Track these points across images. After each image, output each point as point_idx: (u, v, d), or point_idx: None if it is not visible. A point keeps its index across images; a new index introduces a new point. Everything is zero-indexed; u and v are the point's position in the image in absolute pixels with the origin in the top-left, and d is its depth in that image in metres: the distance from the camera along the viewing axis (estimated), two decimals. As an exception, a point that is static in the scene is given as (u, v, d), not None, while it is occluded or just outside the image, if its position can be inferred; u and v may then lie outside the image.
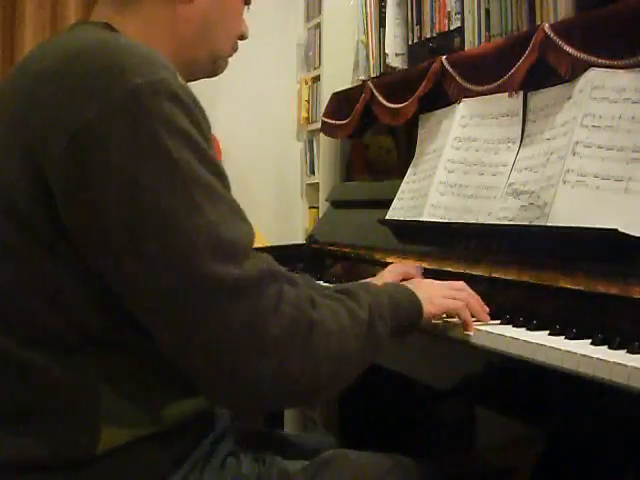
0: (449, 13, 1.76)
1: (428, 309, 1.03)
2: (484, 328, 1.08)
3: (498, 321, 1.12)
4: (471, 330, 1.08)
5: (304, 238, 2.25)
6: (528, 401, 1.06)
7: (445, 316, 1.12)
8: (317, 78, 2.73)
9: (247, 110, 2.84)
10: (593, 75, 1.24)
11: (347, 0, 2.41)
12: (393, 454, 1.07)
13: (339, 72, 2.37)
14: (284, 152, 2.97)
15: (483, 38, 1.63)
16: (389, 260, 1.59)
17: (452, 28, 1.75)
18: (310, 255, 1.94)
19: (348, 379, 0.88)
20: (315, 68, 2.80)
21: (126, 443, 0.82)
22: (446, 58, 1.65)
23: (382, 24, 2.08)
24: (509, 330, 1.07)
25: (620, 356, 0.88)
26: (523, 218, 1.27)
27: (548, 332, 1.03)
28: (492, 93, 1.49)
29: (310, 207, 2.86)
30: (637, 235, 1.03)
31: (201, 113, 0.81)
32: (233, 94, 2.78)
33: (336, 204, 2.11)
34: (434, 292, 1.07)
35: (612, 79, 1.21)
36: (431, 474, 1.09)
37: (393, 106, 1.84)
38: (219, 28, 0.98)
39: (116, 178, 0.73)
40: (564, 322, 1.03)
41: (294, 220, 2.94)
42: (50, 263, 0.79)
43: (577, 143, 1.21)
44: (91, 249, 0.77)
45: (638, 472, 1.00)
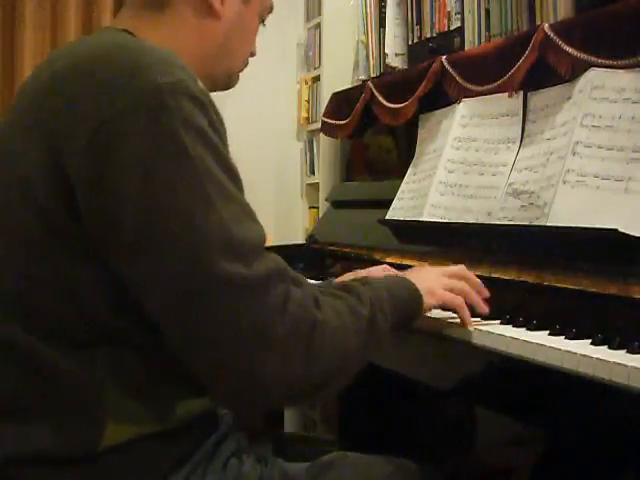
0: (449, 13, 1.76)
1: (428, 301, 1.04)
2: (484, 328, 1.08)
3: (498, 321, 1.12)
4: (470, 326, 1.09)
5: (304, 238, 2.25)
6: (528, 401, 1.06)
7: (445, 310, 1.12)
8: (317, 78, 2.73)
9: (247, 110, 2.84)
10: (593, 75, 1.24)
11: (347, 0, 2.41)
12: (394, 457, 1.07)
13: (339, 72, 2.37)
14: (284, 152, 2.97)
15: (483, 38, 1.63)
16: (389, 260, 1.59)
17: (452, 28, 1.75)
18: (310, 255, 1.94)
19: (350, 375, 0.88)
20: (315, 68, 2.80)
21: (130, 441, 0.83)
22: (446, 58, 1.65)
23: (382, 24, 2.08)
24: (509, 330, 1.06)
25: (620, 356, 0.88)
26: (523, 218, 1.27)
27: (548, 332, 1.03)
28: (492, 93, 1.49)
29: (310, 207, 2.86)
30: (637, 235, 1.03)
31: (218, 117, 0.83)
32: (233, 94, 2.77)
33: (336, 204, 2.12)
34: (434, 283, 1.06)
35: (612, 79, 1.21)
36: (431, 478, 1.09)
37: (393, 106, 1.84)
38: (238, 45, 1.03)
39: (133, 171, 0.75)
40: (564, 322, 1.03)
41: (294, 220, 2.94)
42: (68, 259, 0.80)
43: (577, 143, 1.21)
44: (107, 243, 0.79)
45: (638, 472, 1.00)
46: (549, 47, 1.34)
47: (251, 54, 1.08)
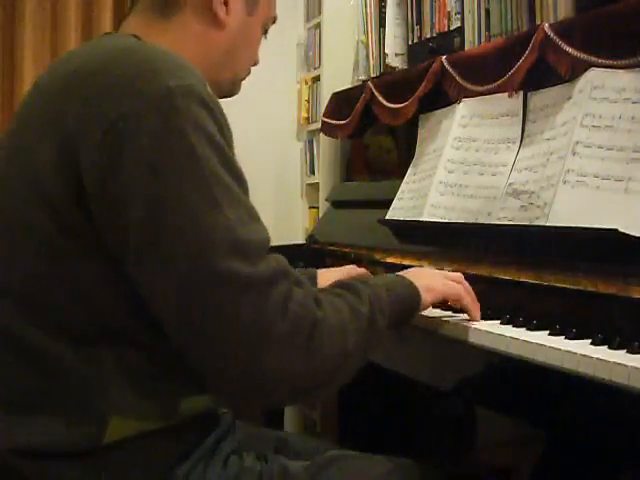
0: (449, 13, 1.76)
1: (426, 298, 1.04)
2: (484, 328, 1.08)
3: (498, 321, 1.12)
4: (477, 318, 1.11)
5: (304, 238, 2.25)
6: (528, 401, 1.06)
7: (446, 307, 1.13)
8: (317, 78, 2.72)
9: (247, 110, 2.84)
10: (593, 75, 1.24)
11: (347, 0, 2.41)
12: (393, 456, 1.07)
13: (339, 72, 2.37)
14: (284, 152, 2.97)
15: (483, 38, 1.63)
16: (389, 260, 1.59)
17: (452, 28, 1.75)
18: (310, 255, 1.94)
19: (350, 373, 0.89)
20: (315, 68, 2.80)
21: (132, 436, 0.85)
22: (446, 58, 1.65)
23: (382, 24, 2.08)
24: (509, 330, 1.07)
25: (620, 356, 0.88)
26: (523, 218, 1.27)
27: (548, 332, 1.03)
28: (492, 93, 1.49)
29: (310, 207, 2.86)
30: (637, 235, 1.03)
31: (225, 122, 0.85)
32: (233, 94, 2.78)
33: (336, 204, 2.12)
34: (432, 280, 1.07)
35: (612, 79, 1.21)
36: (431, 477, 1.10)
37: (393, 106, 1.84)
38: (242, 54, 1.05)
39: (142, 170, 0.77)
40: (564, 322, 1.03)
41: (294, 220, 2.93)
42: (78, 258, 0.82)
43: (577, 143, 1.21)
44: (115, 242, 0.80)
45: (638, 472, 1.00)
46: (549, 47, 1.34)
47: (254, 63, 1.10)
